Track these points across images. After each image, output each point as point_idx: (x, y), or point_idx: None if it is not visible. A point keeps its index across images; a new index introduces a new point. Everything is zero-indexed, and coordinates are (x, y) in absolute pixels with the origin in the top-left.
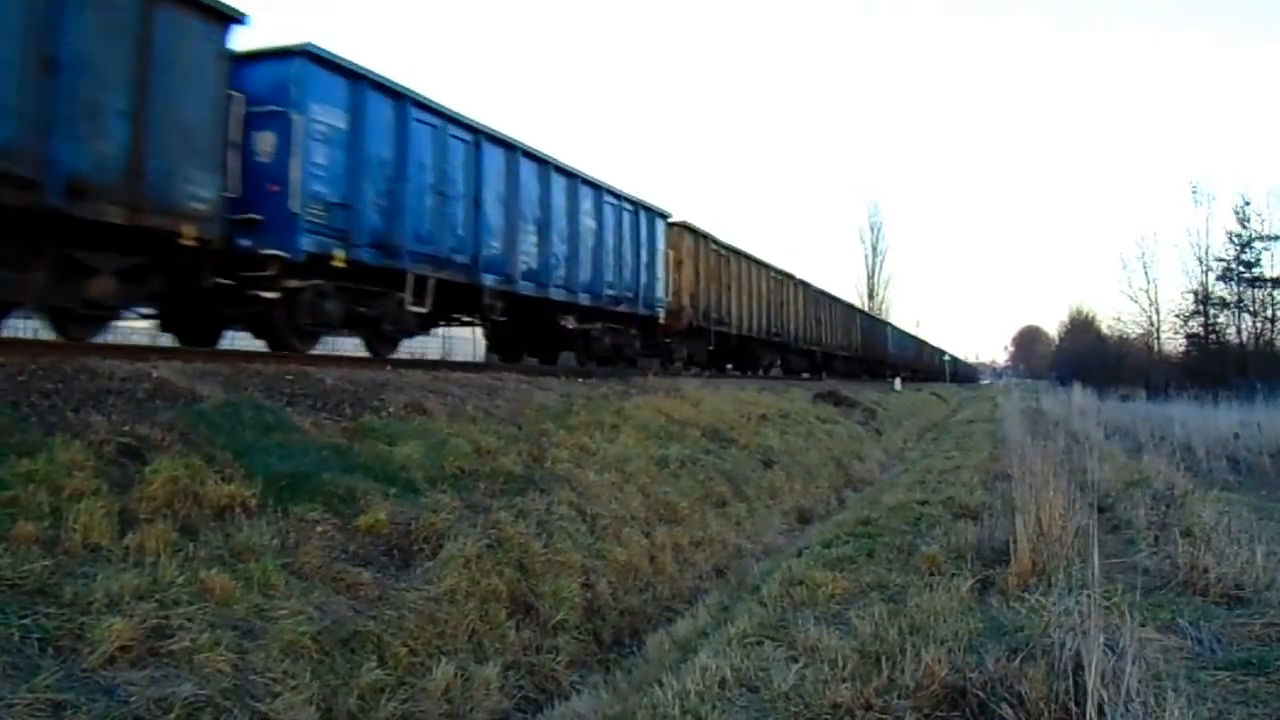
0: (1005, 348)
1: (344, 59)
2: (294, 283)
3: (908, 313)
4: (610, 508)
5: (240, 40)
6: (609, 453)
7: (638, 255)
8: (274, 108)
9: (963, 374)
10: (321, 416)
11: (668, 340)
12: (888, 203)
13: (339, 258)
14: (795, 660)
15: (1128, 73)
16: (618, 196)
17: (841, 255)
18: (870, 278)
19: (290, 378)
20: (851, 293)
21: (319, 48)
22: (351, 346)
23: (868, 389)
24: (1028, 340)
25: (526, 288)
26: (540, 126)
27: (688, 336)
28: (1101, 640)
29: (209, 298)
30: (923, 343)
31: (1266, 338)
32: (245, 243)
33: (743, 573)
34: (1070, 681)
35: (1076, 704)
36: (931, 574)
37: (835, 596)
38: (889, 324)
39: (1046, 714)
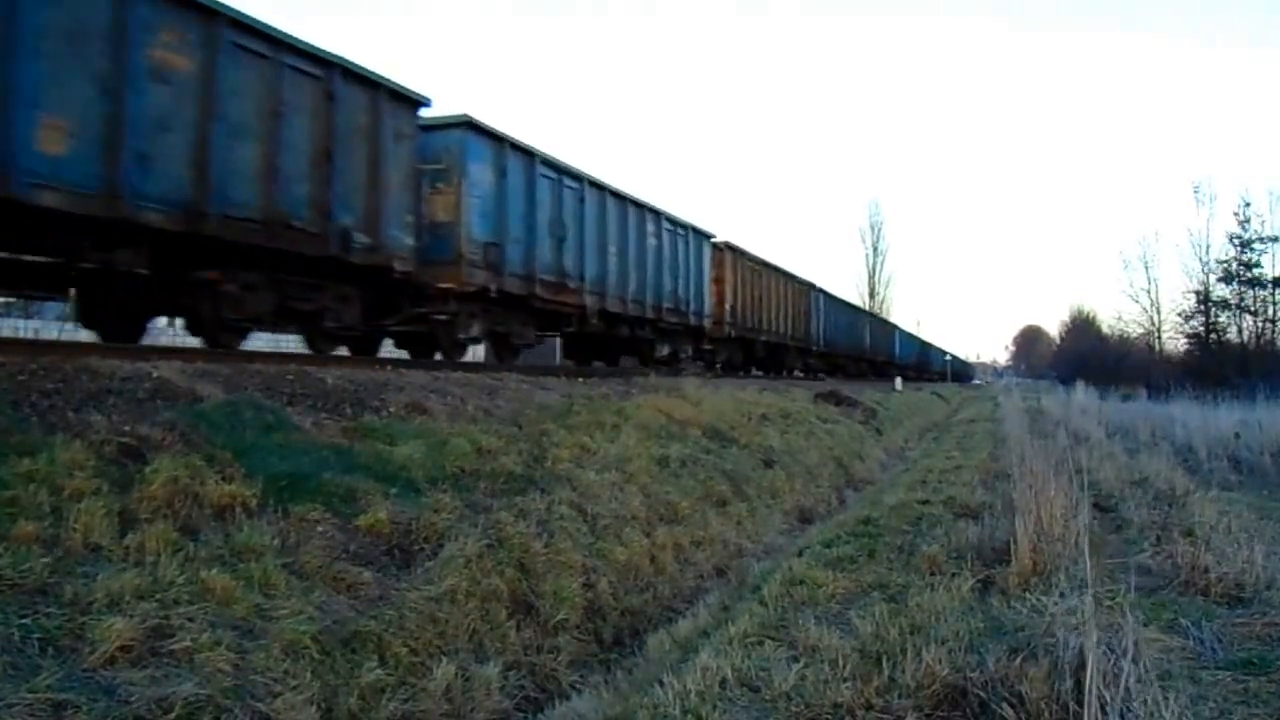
0: (1006, 347)
1: None
2: None
3: (908, 312)
4: (611, 507)
5: None
6: (610, 452)
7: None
8: None
9: (959, 373)
10: (322, 416)
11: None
12: (888, 202)
13: None
14: (796, 660)
15: (1130, 73)
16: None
17: (842, 255)
18: (871, 277)
19: (290, 377)
20: (853, 292)
21: None
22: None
23: (868, 389)
24: (1029, 340)
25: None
26: (542, 126)
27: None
28: (1102, 640)
29: None
30: (926, 344)
31: (1267, 338)
32: None
33: (743, 572)
34: (1071, 681)
35: (1078, 704)
36: (932, 573)
37: (836, 596)
38: (897, 327)
39: (1047, 714)
